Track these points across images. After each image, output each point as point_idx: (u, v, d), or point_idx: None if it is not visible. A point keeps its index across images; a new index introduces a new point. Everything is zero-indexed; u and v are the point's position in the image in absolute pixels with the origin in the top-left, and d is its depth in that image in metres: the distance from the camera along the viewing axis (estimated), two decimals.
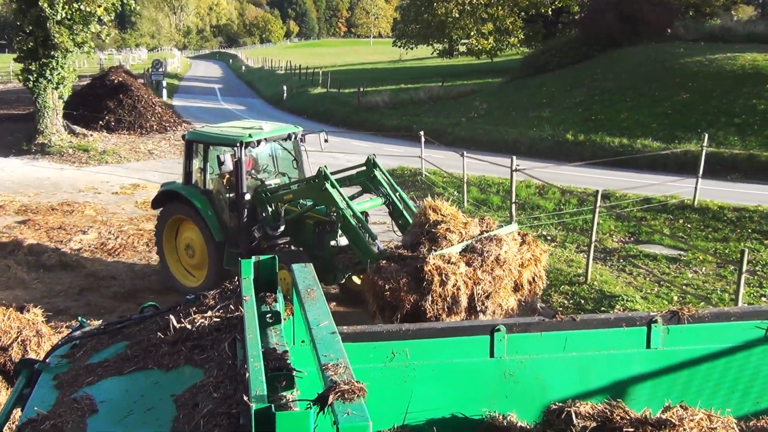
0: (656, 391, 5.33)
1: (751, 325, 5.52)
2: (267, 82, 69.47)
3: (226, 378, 3.53)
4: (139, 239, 18.04)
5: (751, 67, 32.35)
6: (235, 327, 4.07)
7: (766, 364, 5.60)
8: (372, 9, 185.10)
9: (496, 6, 55.82)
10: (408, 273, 9.60)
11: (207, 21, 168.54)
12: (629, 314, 5.39)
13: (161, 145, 33.13)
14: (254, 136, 13.46)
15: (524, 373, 5.24)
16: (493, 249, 9.97)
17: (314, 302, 4.06)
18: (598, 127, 31.23)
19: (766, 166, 24.65)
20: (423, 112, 41.49)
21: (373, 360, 5.01)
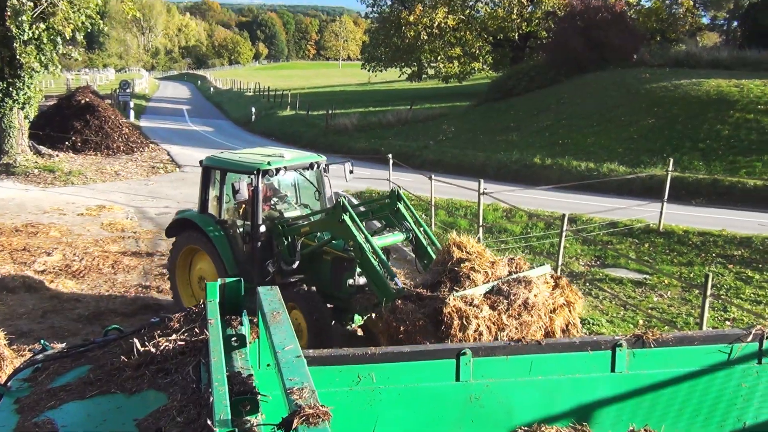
0: (621, 415, 5.36)
1: (715, 349, 5.57)
2: (235, 103, 69.41)
3: (190, 402, 3.50)
4: (105, 261, 17.85)
5: (715, 92, 32.79)
6: (200, 350, 4.03)
7: (729, 388, 5.64)
8: (341, 32, 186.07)
9: (465, 30, 56.19)
10: (425, 315, 8.81)
11: (176, 42, 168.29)
12: (594, 338, 5.40)
13: (128, 166, 32.94)
14: (273, 164, 12.54)
15: (490, 397, 5.24)
16: (521, 292, 9.02)
17: (280, 325, 4.04)
18: (565, 151, 31.47)
19: (730, 190, 24.95)
20: (391, 135, 41.60)
21: (338, 384, 4.99)
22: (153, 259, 18.14)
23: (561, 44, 45.20)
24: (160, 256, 18.28)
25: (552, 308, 9.51)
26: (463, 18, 56.93)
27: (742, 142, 28.28)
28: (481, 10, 58.52)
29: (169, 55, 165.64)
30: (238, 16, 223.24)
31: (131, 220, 22.23)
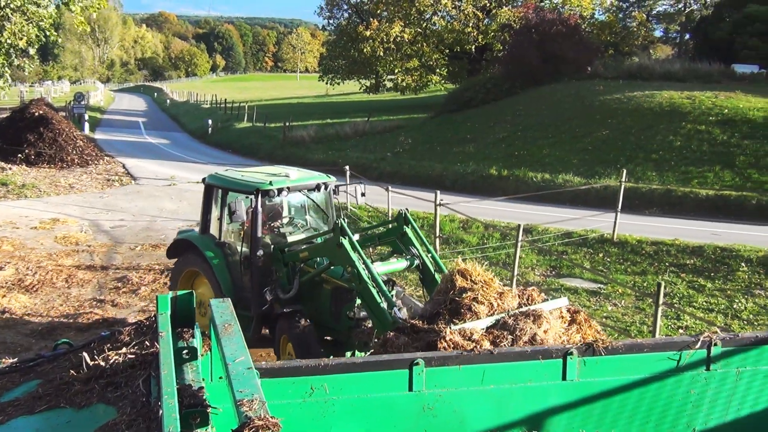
0: (572, 423, 5.41)
1: (664, 356, 5.65)
2: (192, 116, 68.89)
3: (139, 416, 3.49)
4: (58, 275, 17.60)
5: (668, 104, 33.26)
6: (150, 363, 4.01)
7: (679, 395, 5.73)
8: (298, 44, 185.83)
9: (421, 43, 56.40)
10: (418, 348, 7.63)
11: (132, 54, 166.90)
12: (545, 347, 5.46)
13: (82, 179, 32.54)
14: (275, 184, 11.62)
15: (443, 406, 5.27)
16: (528, 327, 7.82)
17: (231, 338, 4.03)
18: (521, 163, 31.68)
19: (682, 200, 25.31)
20: (349, 147, 41.59)
21: (291, 395, 4.98)
22: (108, 273, 17.92)
23: (516, 57, 45.52)
24: (114, 270, 18.10)
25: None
26: (419, 31, 57.13)
27: (694, 152, 28.71)
28: (438, 24, 58.74)
29: (125, 67, 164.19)
30: (195, 28, 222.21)
31: (86, 233, 21.96)
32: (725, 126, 30.00)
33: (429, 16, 58.84)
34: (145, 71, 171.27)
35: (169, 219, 24.09)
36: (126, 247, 20.41)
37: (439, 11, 57.79)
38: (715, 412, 5.83)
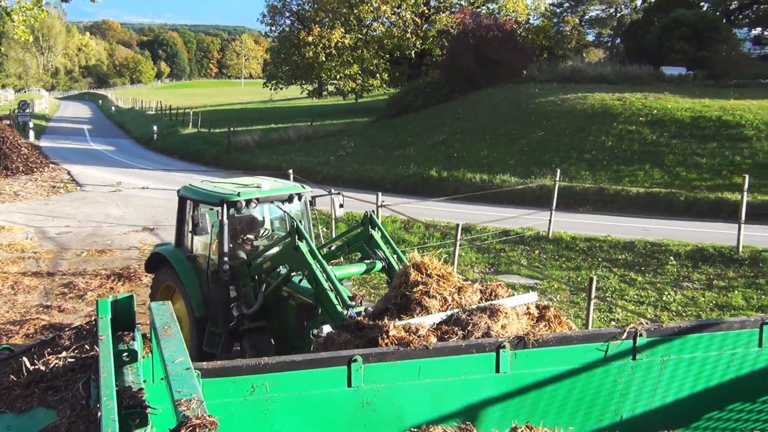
0: (505, 413, 5.48)
1: (592, 347, 5.75)
2: (137, 122, 68.13)
3: (79, 418, 3.47)
4: (4, 282, 17.28)
5: (600, 106, 33.74)
6: (90, 367, 3.99)
7: (607, 384, 5.83)
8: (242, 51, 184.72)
9: (362, 49, 56.44)
10: (360, 345, 6.99)
11: (76, 62, 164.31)
12: (479, 341, 5.52)
13: (27, 186, 31.97)
14: (243, 195, 10.91)
15: (381, 401, 5.31)
16: (483, 323, 7.13)
17: (170, 339, 4.02)
18: (460, 164, 31.88)
19: (614, 198, 25.69)
20: (293, 151, 41.49)
21: (233, 394, 4.98)
22: (54, 279, 17.65)
23: (454, 61, 45.77)
24: (61, 276, 17.82)
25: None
26: (360, 37, 57.17)
27: (625, 152, 29.16)
28: (378, 30, 58.82)
29: (69, 74, 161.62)
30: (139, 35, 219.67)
31: (31, 240, 21.58)
32: (654, 126, 30.51)
33: (369, 23, 58.91)
34: (89, 79, 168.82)
35: (115, 224, 23.80)
36: (72, 253, 20.11)
37: (379, 18, 57.87)
38: (641, 400, 5.94)
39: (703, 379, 6.04)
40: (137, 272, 17.98)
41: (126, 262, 19.16)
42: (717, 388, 6.07)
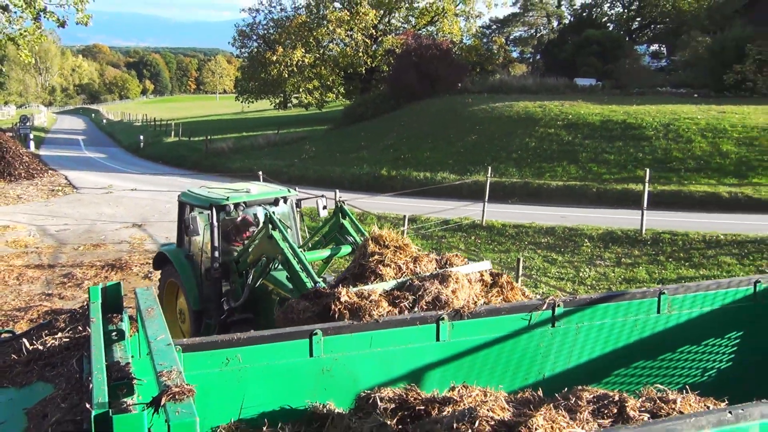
0: (445, 376, 5.51)
1: (518, 317, 5.80)
2: (126, 133, 67.10)
3: (73, 390, 3.42)
4: (10, 274, 16.96)
5: (523, 112, 34.01)
6: (83, 345, 3.94)
7: (531, 348, 5.89)
8: (217, 69, 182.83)
9: (320, 66, 56.28)
10: (316, 312, 6.63)
11: (70, 81, 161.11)
12: (422, 314, 5.53)
13: (29, 190, 31.34)
14: (231, 200, 10.49)
15: (338, 368, 5.31)
16: (434, 288, 6.62)
17: (153, 319, 3.99)
18: (406, 164, 31.93)
19: (537, 191, 25.96)
20: (262, 156, 41.19)
21: (210, 366, 4.95)
22: (54, 270, 17.37)
23: (400, 76, 45.75)
24: (60, 267, 17.55)
25: None
26: (318, 56, 56.97)
27: (546, 151, 29.44)
28: (333, 50, 58.68)
29: (65, 92, 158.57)
30: (126, 57, 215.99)
31: (33, 237, 21.20)
32: (570, 129, 30.82)
33: (326, 44, 58.73)
34: (83, 95, 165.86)
35: (107, 222, 23.46)
36: (70, 247, 19.80)
37: (334, 39, 57.73)
38: (560, 361, 6.01)
39: (611, 342, 6.13)
40: (128, 263, 17.77)
41: (118, 254, 18.92)
42: (623, 348, 6.16)
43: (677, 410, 4.25)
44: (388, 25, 59.96)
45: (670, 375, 6.27)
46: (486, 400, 4.57)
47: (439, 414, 4.61)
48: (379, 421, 4.68)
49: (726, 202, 22.83)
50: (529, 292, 7.42)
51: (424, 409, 4.79)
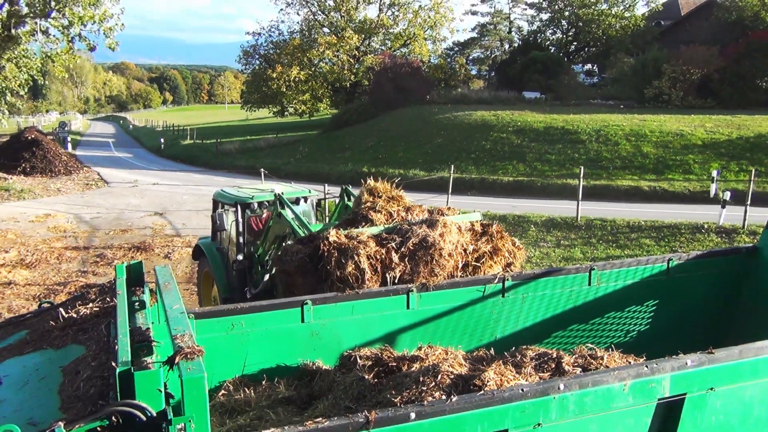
0: (414, 339, 5.51)
1: (474, 289, 5.82)
2: (149, 136, 66.37)
3: (101, 351, 3.39)
4: (51, 255, 16.75)
5: (480, 120, 34.05)
6: (110, 313, 3.90)
7: (485, 315, 5.91)
8: (225, 83, 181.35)
9: (312, 81, 56.05)
10: (308, 254, 6.01)
11: (102, 92, 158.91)
12: (394, 287, 5.52)
13: (67, 185, 30.94)
14: (256, 198, 9.92)
15: (326, 332, 5.30)
16: (421, 230, 6.00)
17: (170, 292, 3.95)
18: (384, 162, 31.87)
19: (492, 185, 26.04)
20: (263, 156, 40.93)
21: (218, 330, 4.92)
22: (89, 251, 17.19)
23: (378, 89, 45.65)
24: (94, 249, 17.37)
25: (476, 256, 6.39)
26: (310, 72, 56.70)
27: (499, 152, 29.50)
28: (323, 67, 58.40)
29: (97, 102, 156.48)
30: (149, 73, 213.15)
31: (71, 223, 20.95)
32: (519, 134, 30.91)
33: (317, 62, 58.40)
34: (112, 105, 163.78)
35: (133, 211, 23.23)
36: (102, 232, 19.60)
37: (324, 59, 57.48)
38: (509, 325, 6.04)
39: (551, 309, 6.17)
40: (151, 245, 17.61)
41: (143, 238, 18.74)
42: (561, 315, 6.20)
43: (604, 365, 4.28)
44: (368, 47, 59.68)
45: (599, 336, 6.32)
46: (447, 357, 4.58)
47: (408, 369, 4.61)
48: (359, 375, 4.68)
49: (646, 194, 23.03)
50: (519, 242, 6.89)
51: (396, 366, 4.80)
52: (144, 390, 2.77)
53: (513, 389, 3.39)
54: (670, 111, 34.62)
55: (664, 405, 3.71)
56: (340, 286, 5.68)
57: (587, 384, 3.47)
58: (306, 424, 3.00)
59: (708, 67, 37.91)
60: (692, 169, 24.72)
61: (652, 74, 39.62)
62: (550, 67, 49.21)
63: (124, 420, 2.69)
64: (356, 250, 5.75)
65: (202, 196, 25.52)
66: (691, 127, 28.42)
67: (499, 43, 71.30)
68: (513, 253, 6.70)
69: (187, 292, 13.50)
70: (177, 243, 18.07)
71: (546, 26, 65.18)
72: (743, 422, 4.02)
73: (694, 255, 6.76)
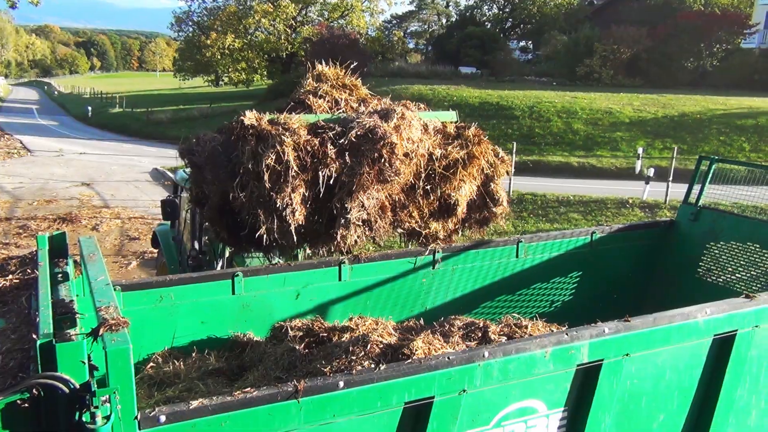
0: (346, 309, 5.55)
1: (406, 261, 5.88)
2: (75, 103, 63.90)
3: (22, 324, 3.29)
4: None
5: (417, 94, 34.02)
6: (31, 286, 3.78)
7: (416, 285, 5.98)
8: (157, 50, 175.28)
9: (248, 50, 54.94)
10: (221, 142, 4.71)
11: (25, 56, 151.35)
12: (327, 259, 5.54)
13: None
14: None
15: (257, 303, 5.27)
16: (370, 121, 4.63)
17: (94, 263, 3.85)
18: None
19: None
20: (196, 126, 39.76)
21: (146, 302, 4.82)
22: (11, 223, 16.51)
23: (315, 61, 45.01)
24: (17, 220, 16.69)
25: (445, 164, 5.10)
26: (246, 41, 55.55)
27: None
28: (259, 36, 57.28)
29: (20, 66, 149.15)
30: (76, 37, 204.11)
31: None
32: (454, 108, 30.68)
33: (252, 31, 57.25)
34: (36, 69, 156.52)
35: (59, 181, 22.41)
36: (25, 203, 18.84)
37: (260, 27, 56.36)
38: (439, 296, 6.14)
39: (480, 280, 6.30)
40: (78, 216, 17.07)
41: (69, 209, 18.12)
42: (490, 285, 6.34)
43: (528, 333, 4.42)
44: (305, 17, 58.82)
45: (525, 306, 6.51)
46: (377, 328, 4.64)
47: (339, 340, 4.66)
48: (290, 346, 4.70)
49: (576, 170, 23.68)
50: (502, 152, 5.73)
51: (326, 336, 4.83)
52: (66, 362, 2.70)
53: (439, 357, 3.48)
54: (601, 89, 35.53)
55: (582, 371, 3.88)
56: (256, 185, 4.46)
57: (510, 351, 3.59)
58: (234, 394, 3.00)
59: (637, 46, 39.01)
60: (620, 147, 25.52)
61: (583, 52, 40.49)
62: (486, 42, 49.65)
63: (46, 392, 2.63)
64: (280, 138, 4.49)
65: (132, 166, 24.80)
66: (620, 105, 29.28)
67: (437, 17, 71.44)
68: (494, 165, 5.47)
69: (116, 265, 13.18)
70: (105, 214, 17.56)
71: (482, 1, 65.62)
72: (656, 386, 4.25)
73: (615, 228, 7.02)
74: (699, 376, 4.43)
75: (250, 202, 4.55)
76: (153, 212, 17.70)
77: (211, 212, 4.92)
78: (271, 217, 4.54)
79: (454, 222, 5.49)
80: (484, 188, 5.51)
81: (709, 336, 4.34)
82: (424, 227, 5.31)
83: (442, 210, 5.34)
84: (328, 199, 4.67)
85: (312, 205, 4.69)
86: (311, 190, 4.61)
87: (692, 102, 29.90)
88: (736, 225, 6.84)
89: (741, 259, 6.73)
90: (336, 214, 4.68)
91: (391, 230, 5.13)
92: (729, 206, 7.80)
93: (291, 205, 4.51)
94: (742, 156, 23.66)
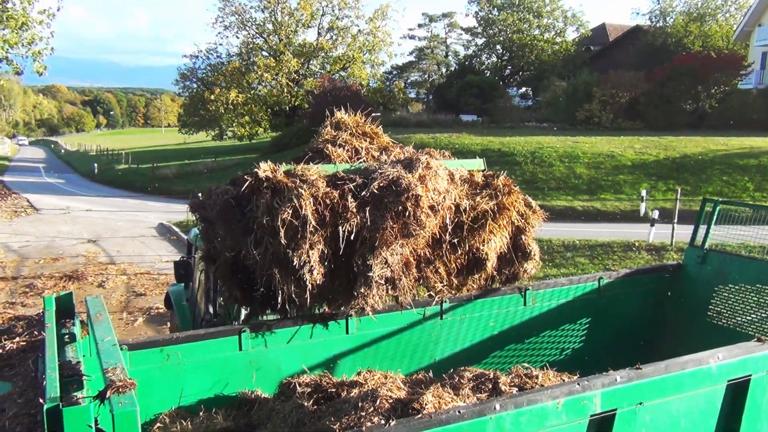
0: (354, 363, 5.49)
1: (413, 312, 5.84)
2: (81, 161, 64.60)
3: (29, 387, 3.27)
4: None
5: (419, 142, 33.92)
6: (38, 347, 3.77)
7: (424, 337, 5.93)
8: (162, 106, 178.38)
9: (251, 104, 55.76)
10: (234, 195, 4.50)
11: (32, 116, 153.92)
12: (332, 312, 5.51)
13: None
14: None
15: (265, 359, 5.22)
16: (392, 171, 4.40)
17: (101, 323, 3.85)
18: None
19: None
20: (202, 180, 40.24)
21: (153, 362, 4.79)
22: (17, 282, 16.49)
23: (317, 113, 45.58)
24: (23, 279, 16.68)
25: (473, 216, 4.89)
26: (249, 96, 56.43)
27: None
28: (262, 90, 58.24)
29: (27, 125, 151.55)
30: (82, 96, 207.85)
31: None
32: (457, 155, 31.20)
33: (255, 85, 58.24)
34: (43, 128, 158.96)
35: (65, 239, 22.48)
36: (32, 261, 18.86)
37: (263, 82, 57.36)
38: (448, 346, 6.08)
39: (488, 330, 6.25)
40: (84, 274, 17.06)
41: (75, 266, 18.13)
42: (497, 335, 6.29)
43: (539, 384, 4.37)
44: (307, 70, 59.88)
45: (534, 355, 6.44)
46: (386, 382, 4.59)
47: (347, 395, 4.60)
48: (298, 403, 4.64)
49: (580, 214, 23.69)
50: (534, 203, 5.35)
51: (335, 392, 4.77)
52: (73, 427, 2.68)
53: (450, 412, 3.43)
54: (601, 133, 35.81)
55: (596, 421, 3.82)
56: (271, 242, 4.17)
57: (522, 403, 3.54)
58: None
59: (635, 90, 39.47)
60: (623, 189, 25.59)
61: (583, 97, 40.97)
62: (485, 90, 50.32)
63: None
64: (297, 191, 4.21)
65: (138, 222, 24.93)
66: (621, 149, 29.46)
67: (437, 67, 72.63)
68: (525, 216, 5.17)
69: (122, 322, 13.13)
70: (111, 271, 17.56)
71: (481, 50, 66.80)
72: None
73: (622, 273, 6.99)
74: (715, 425, 4.35)
75: (265, 259, 4.30)
76: (159, 267, 17.71)
77: (223, 269, 4.70)
78: (287, 277, 4.28)
79: (484, 278, 5.26)
80: (515, 241, 5.25)
81: (723, 382, 4.28)
82: (451, 285, 5.07)
83: (471, 265, 5.09)
84: (348, 255, 4.39)
85: (331, 263, 4.40)
86: (330, 246, 4.33)
87: (693, 143, 30.09)
88: (745, 267, 6.81)
89: (751, 301, 6.68)
90: (357, 272, 4.43)
91: (416, 287, 4.81)
92: (736, 247, 7.78)
93: (309, 263, 4.25)
94: (747, 195, 23.68)
